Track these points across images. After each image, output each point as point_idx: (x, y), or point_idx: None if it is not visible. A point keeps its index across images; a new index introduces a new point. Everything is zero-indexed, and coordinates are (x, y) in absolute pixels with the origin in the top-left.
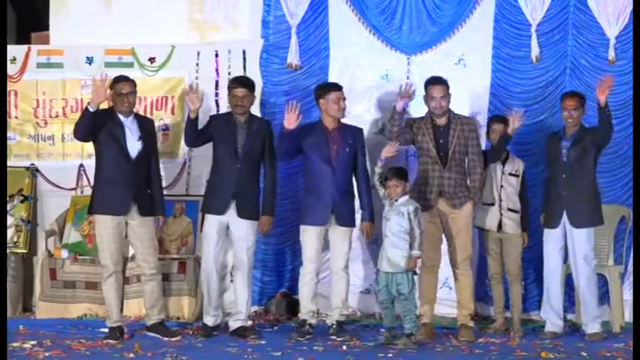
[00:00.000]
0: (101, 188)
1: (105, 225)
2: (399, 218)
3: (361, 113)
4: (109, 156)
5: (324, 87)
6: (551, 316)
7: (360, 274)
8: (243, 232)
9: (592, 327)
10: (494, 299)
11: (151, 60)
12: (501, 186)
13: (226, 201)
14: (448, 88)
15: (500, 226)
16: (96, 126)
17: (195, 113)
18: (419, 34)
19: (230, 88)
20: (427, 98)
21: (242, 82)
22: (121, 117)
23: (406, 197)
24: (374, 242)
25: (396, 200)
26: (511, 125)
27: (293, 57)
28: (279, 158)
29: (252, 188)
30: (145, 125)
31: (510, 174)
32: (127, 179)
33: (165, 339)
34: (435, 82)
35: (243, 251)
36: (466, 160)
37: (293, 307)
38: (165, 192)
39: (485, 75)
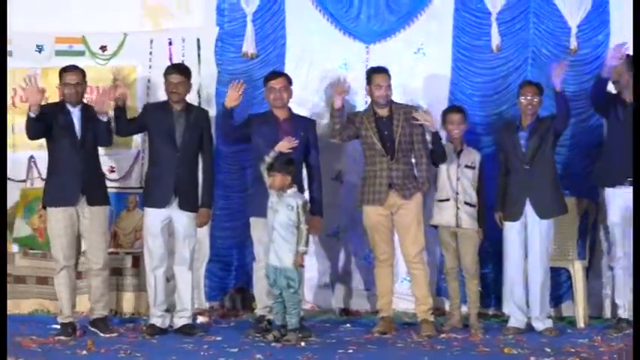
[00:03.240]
0: (51, 180)
1: (55, 217)
2: (287, 211)
3: (318, 103)
4: (58, 147)
5: (266, 76)
6: (514, 311)
7: (318, 269)
8: (185, 225)
9: (546, 322)
10: (449, 295)
11: (103, 48)
12: (457, 179)
13: (168, 193)
14: (390, 77)
15: (457, 221)
16: (46, 124)
17: (108, 107)
18: (377, 23)
19: (165, 74)
20: (371, 87)
21: (177, 69)
22: (69, 107)
23: (294, 189)
24: (333, 235)
25: (285, 192)
26: (427, 122)
27: (249, 45)
28: (222, 140)
29: (192, 179)
30: (92, 113)
31: (466, 166)
32: (75, 169)
33: (105, 335)
34: (379, 70)
35: (185, 246)
36: (412, 151)
37: (249, 302)
38: (118, 184)
39: (445, 64)
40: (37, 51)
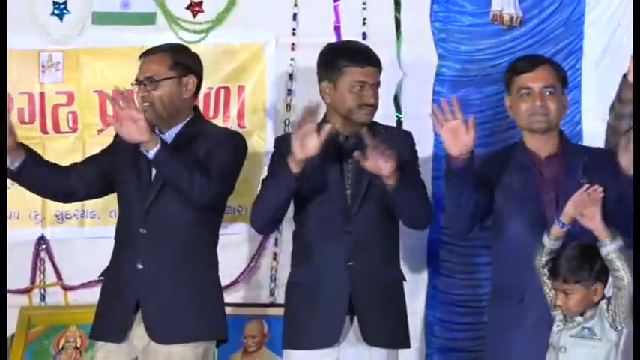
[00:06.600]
0: (105, 284)
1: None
2: (586, 354)
3: None
4: (121, 215)
5: (512, 64)
6: None
7: None
8: None
9: None
10: None
11: (193, 8)
12: None
13: (339, 314)
14: None
15: None
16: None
17: (301, 165)
18: None
19: (340, 67)
20: None
21: (361, 54)
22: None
23: (602, 309)
24: None
25: (581, 314)
26: None
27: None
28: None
29: (386, 278)
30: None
31: None
32: (132, 262)
33: None
34: None
35: None
36: None
37: None
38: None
39: None
40: (55, 14)
